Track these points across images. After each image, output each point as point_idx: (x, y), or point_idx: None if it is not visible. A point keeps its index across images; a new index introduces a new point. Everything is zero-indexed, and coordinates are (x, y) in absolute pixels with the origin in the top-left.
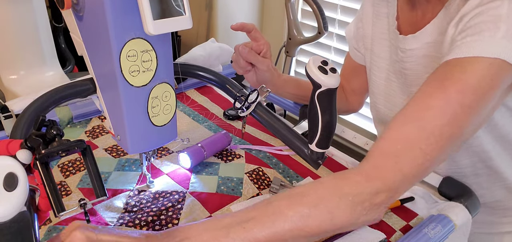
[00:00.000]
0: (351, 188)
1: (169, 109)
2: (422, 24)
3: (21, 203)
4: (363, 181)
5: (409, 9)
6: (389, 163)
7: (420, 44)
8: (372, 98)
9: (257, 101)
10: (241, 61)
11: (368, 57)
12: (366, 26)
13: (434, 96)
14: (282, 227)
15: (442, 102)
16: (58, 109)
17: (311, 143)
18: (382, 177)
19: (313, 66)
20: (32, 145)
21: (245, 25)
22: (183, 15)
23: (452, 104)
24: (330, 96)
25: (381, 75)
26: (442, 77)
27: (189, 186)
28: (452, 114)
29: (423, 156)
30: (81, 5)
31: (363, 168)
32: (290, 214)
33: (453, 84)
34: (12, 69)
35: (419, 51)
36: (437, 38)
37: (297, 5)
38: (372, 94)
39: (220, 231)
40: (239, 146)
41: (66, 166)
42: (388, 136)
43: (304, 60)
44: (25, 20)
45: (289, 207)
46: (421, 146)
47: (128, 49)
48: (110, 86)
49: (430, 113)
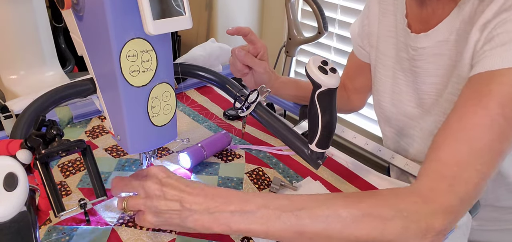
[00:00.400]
0: (407, 205)
1: (169, 109)
2: (433, 21)
3: (21, 203)
4: (420, 201)
5: (418, 6)
6: (445, 186)
7: (432, 43)
8: (376, 96)
9: (257, 101)
10: (238, 64)
11: (373, 55)
12: (372, 24)
13: (477, 114)
14: (333, 225)
15: (487, 119)
16: (58, 109)
17: (311, 143)
18: (439, 200)
19: (313, 66)
20: (32, 145)
21: (240, 29)
22: (183, 15)
23: (497, 119)
24: (330, 96)
25: (387, 73)
26: (479, 93)
27: None
28: (498, 129)
29: (478, 175)
30: (81, 5)
31: (419, 190)
32: (344, 215)
33: (493, 99)
34: (12, 69)
35: (430, 50)
36: (449, 37)
37: (297, 5)
38: (377, 92)
39: (272, 211)
40: (239, 146)
41: (66, 166)
42: (440, 157)
43: (304, 60)
44: (25, 20)
45: (344, 207)
46: (476, 166)
47: (128, 49)
48: (110, 86)
49: (477, 132)
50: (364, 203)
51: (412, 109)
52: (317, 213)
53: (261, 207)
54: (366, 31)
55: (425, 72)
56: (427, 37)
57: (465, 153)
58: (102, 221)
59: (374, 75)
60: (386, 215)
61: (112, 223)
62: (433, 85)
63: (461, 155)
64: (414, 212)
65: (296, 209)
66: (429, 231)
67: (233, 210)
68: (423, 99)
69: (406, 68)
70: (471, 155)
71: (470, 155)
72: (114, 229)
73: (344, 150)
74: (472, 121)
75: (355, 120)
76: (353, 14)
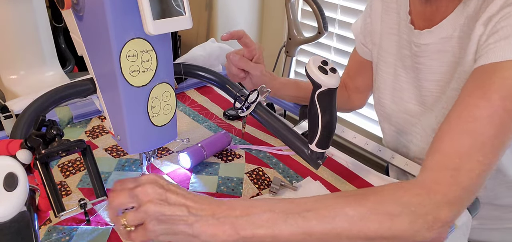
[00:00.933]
0: (412, 199)
1: (169, 109)
2: (437, 18)
3: (21, 203)
4: (424, 193)
5: (422, 3)
6: (448, 177)
7: (436, 39)
8: (377, 94)
9: (257, 101)
10: (233, 69)
11: (375, 53)
12: (374, 22)
13: (479, 106)
14: (341, 224)
15: (489, 111)
16: (58, 109)
17: (311, 143)
18: (442, 191)
19: (313, 66)
20: (32, 145)
21: (234, 34)
22: (183, 15)
23: (499, 112)
24: (330, 96)
25: (389, 70)
26: (482, 85)
27: (189, 186)
28: (499, 121)
29: (480, 167)
30: (81, 5)
31: (423, 182)
32: (351, 213)
33: (495, 91)
34: (12, 69)
35: (434, 46)
36: (452, 34)
37: (297, 5)
38: (378, 90)
39: (278, 214)
40: (239, 146)
41: (66, 166)
42: (443, 149)
43: (304, 60)
44: (25, 20)
45: (350, 206)
46: (478, 158)
47: (128, 49)
48: (110, 86)
49: (479, 124)
50: (369, 200)
51: (413, 107)
52: (324, 213)
53: (267, 211)
54: (368, 29)
55: (427, 69)
56: (431, 33)
57: (467, 144)
58: (102, 221)
59: (375, 73)
60: (393, 211)
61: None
62: (436, 82)
63: (463, 147)
64: (419, 205)
65: (302, 210)
66: (435, 223)
67: (239, 214)
68: (425, 96)
69: (408, 66)
70: (473, 147)
71: (472, 147)
72: (114, 229)
73: (344, 150)
74: (474, 113)
75: (355, 120)
76: (353, 14)
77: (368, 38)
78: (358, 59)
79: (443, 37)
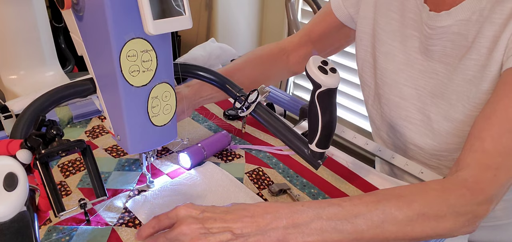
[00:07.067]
0: (457, 200)
1: (169, 109)
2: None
3: (21, 203)
4: (468, 194)
5: None
6: (489, 176)
7: (453, 21)
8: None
9: (257, 101)
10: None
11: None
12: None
13: None
14: (389, 228)
15: None
16: (58, 109)
17: (311, 143)
18: (484, 190)
19: (313, 66)
20: (32, 145)
21: None
22: (183, 15)
23: None
24: (330, 96)
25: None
26: None
27: None
28: None
29: None
30: (81, 5)
31: (466, 181)
32: (400, 217)
33: None
34: (12, 69)
35: (449, 28)
36: (470, 17)
37: (297, 5)
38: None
39: (326, 221)
40: (239, 146)
41: (66, 166)
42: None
43: None
44: (25, 20)
45: (398, 209)
46: None
47: (128, 49)
48: (110, 86)
49: None
50: (416, 202)
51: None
52: (373, 218)
53: (314, 218)
54: None
55: (441, 51)
56: (449, 15)
57: (508, 144)
58: (102, 221)
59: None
60: (439, 213)
61: (112, 223)
62: (445, 65)
63: (504, 146)
64: (463, 205)
65: (350, 216)
66: (476, 219)
67: (286, 224)
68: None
69: (409, 46)
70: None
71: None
72: (114, 229)
73: (344, 150)
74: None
75: (355, 120)
76: None
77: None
78: (331, 21)
79: (460, 20)
